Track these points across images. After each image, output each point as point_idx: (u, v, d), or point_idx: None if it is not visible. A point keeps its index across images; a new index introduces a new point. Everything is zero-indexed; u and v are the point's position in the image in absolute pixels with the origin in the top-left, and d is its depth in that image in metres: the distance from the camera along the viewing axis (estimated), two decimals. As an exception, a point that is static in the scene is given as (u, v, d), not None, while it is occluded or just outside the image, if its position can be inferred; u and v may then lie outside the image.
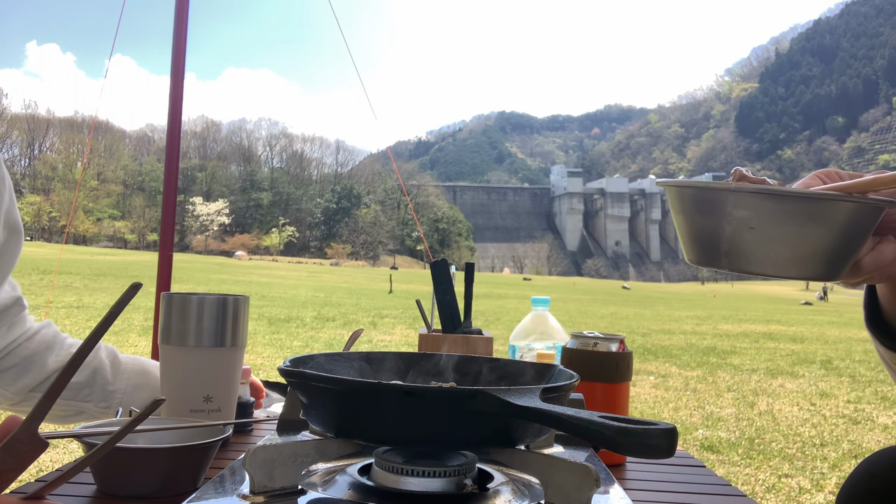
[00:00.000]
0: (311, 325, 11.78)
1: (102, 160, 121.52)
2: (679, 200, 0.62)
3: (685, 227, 0.62)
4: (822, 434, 5.16)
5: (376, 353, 0.91)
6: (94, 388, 1.08)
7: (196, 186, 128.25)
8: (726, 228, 0.58)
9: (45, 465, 3.53)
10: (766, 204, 0.57)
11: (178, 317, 0.96)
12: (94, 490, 0.77)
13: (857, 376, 8.31)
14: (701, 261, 0.61)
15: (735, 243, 0.58)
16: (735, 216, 0.57)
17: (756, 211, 0.57)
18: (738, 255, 0.58)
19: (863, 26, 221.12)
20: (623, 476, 0.95)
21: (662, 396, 6.47)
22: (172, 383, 0.97)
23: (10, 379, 1.04)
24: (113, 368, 1.11)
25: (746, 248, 0.58)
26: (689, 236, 0.62)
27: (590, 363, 1.05)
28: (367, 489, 0.71)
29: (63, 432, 0.77)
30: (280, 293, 21.27)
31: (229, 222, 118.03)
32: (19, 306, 1.06)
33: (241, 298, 1.00)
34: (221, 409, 0.98)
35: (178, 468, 0.77)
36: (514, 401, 0.63)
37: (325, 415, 0.72)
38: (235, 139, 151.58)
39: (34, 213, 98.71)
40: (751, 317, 21.60)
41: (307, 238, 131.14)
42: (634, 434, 0.55)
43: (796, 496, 3.65)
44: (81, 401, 1.08)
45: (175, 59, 3.93)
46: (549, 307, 1.47)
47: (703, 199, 0.60)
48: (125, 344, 8.02)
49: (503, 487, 0.74)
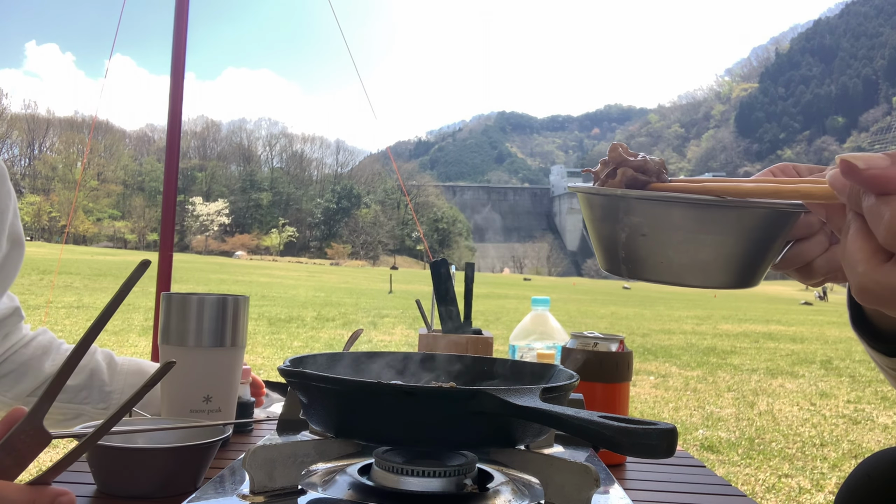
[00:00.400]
0: (311, 325, 11.78)
1: (102, 160, 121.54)
2: (585, 206, 0.60)
3: (592, 233, 0.60)
4: (822, 434, 5.16)
5: (376, 353, 0.91)
6: (92, 390, 1.09)
7: (196, 186, 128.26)
8: (621, 235, 0.56)
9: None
10: (656, 210, 0.54)
11: (178, 317, 0.96)
12: (94, 490, 0.77)
13: (857, 376, 8.31)
14: (608, 268, 0.59)
15: (630, 250, 0.56)
16: (627, 222, 0.55)
17: (646, 217, 0.54)
18: (634, 262, 0.56)
19: (863, 26, 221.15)
20: (623, 476, 0.95)
21: (662, 396, 6.47)
22: (172, 383, 0.97)
23: (8, 385, 1.06)
24: (109, 370, 1.11)
25: (641, 255, 0.55)
26: (594, 243, 0.60)
27: (590, 363, 1.06)
28: (367, 489, 0.71)
29: (63, 432, 0.77)
30: (280, 293, 21.27)
31: (229, 222, 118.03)
32: (17, 316, 1.09)
33: (241, 298, 1.00)
34: (221, 409, 0.98)
35: (178, 468, 0.77)
36: (514, 401, 0.63)
37: (325, 415, 0.72)
38: (235, 139, 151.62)
39: (34, 213, 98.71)
40: (751, 317, 21.60)
41: (307, 238, 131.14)
42: (634, 434, 0.55)
43: (796, 496, 3.65)
44: (79, 403, 1.08)
45: (175, 59, 3.93)
46: (549, 307, 1.48)
47: (602, 205, 0.57)
48: (125, 344, 8.02)
49: (503, 487, 0.74)
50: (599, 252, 0.60)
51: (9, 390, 1.06)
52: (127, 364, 1.14)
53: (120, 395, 1.10)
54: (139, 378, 1.13)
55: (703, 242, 0.54)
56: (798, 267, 0.62)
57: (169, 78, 3.95)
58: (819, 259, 0.61)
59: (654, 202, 0.54)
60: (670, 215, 0.54)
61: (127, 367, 1.13)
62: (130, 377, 1.12)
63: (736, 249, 0.54)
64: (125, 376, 1.12)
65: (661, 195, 0.54)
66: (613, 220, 0.56)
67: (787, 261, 0.61)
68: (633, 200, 0.54)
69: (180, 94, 3.97)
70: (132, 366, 1.14)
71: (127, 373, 1.13)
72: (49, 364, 1.08)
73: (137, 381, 1.13)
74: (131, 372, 1.13)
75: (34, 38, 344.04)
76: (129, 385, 1.12)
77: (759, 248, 0.55)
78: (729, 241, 0.54)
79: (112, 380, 1.11)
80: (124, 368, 1.13)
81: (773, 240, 0.56)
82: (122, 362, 1.14)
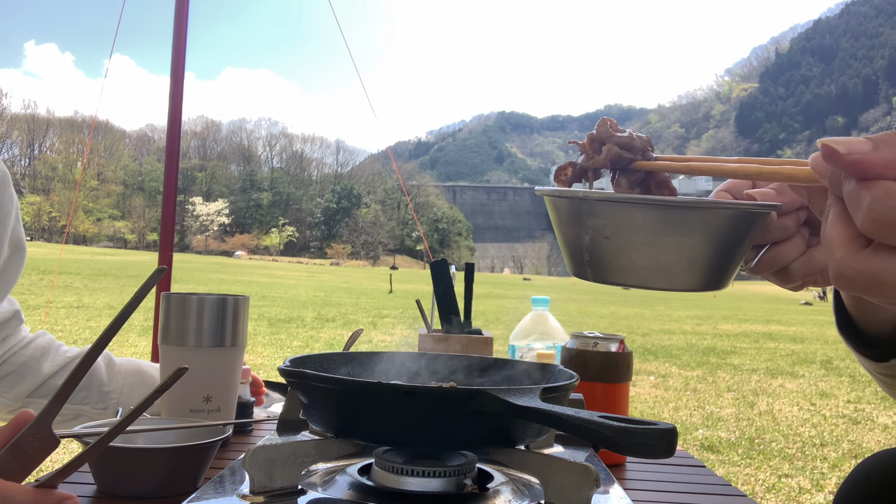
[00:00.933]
0: (311, 325, 11.78)
1: (102, 160, 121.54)
2: (551, 210, 0.59)
3: (558, 237, 0.59)
4: (822, 434, 5.16)
5: (376, 353, 0.91)
6: (91, 391, 1.09)
7: (196, 186, 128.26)
8: (585, 238, 0.55)
9: (45, 465, 3.53)
10: (617, 212, 0.53)
11: (178, 317, 0.96)
12: (94, 490, 0.77)
13: (857, 376, 8.31)
14: (575, 272, 0.58)
15: (594, 253, 0.55)
16: (589, 225, 0.54)
17: (608, 219, 0.53)
18: (598, 265, 0.55)
19: (863, 26, 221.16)
20: (623, 476, 0.95)
21: (662, 396, 6.47)
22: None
23: (8, 386, 1.06)
24: (108, 370, 1.12)
25: (605, 258, 0.54)
26: (561, 247, 0.59)
27: (590, 363, 1.06)
28: (367, 489, 0.71)
29: (63, 432, 0.77)
30: (280, 293, 21.27)
31: (229, 222, 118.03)
32: (17, 320, 1.09)
33: (240, 298, 1.00)
34: (221, 409, 0.98)
35: (178, 468, 0.77)
36: (514, 401, 0.63)
37: (325, 415, 0.72)
38: (235, 139, 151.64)
39: (34, 213, 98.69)
40: (751, 317, 21.60)
41: (307, 238, 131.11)
42: (634, 434, 0.55)
43: (796, 496, 3.65)
44: (79, 404, 1.09)
45: (175, 59, 3.93)
46: (549, 307, 1.48)
47: (567, 208, 0.56)
48: (125, 344, 8.02)
49: (503, 487, 0.74)
50: (566, 256, 0.59)
51: (8, 391, 1.06)
52: (125, 364, 1.14)
53: (118, 396, 1.11)
54: (138, 378, 1.13)
55: (666, 244, 0.52)
56: (775, 270, 0.61)
57: (168, 78, 3.95)
58: (796, 262, 0.59)
59: (616, 204, 0.53)
60: (632, 217, 0.52)
61: (125, 368, 1.14)
62: (129, 377, 1.13)
63: (700, 251, 0.53)
64: (124, 376, 1.12)
65: (623, 196, 0.53)
66: (577, 223, 0.55)
67: (763, 264, 0.60)
68: (595, 202, 0.53)
69: (180, 94, 3.97)
70: (130, 366, 1.15)
71: (125, 373, 1.13)
72: (48, 365, 1.08)
73: (136, 381, 1.13)
74: (130, 372, 1.13)
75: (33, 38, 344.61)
76: (127, 385, 1.12)
77: (726, 250, 0.54)
78: (692, 242, 0.53)
79: (111, 380, 1.11)
80: (123, 369, 1.13)
81: (741, 241, 0.54)
82: (121, 363, 1.14)
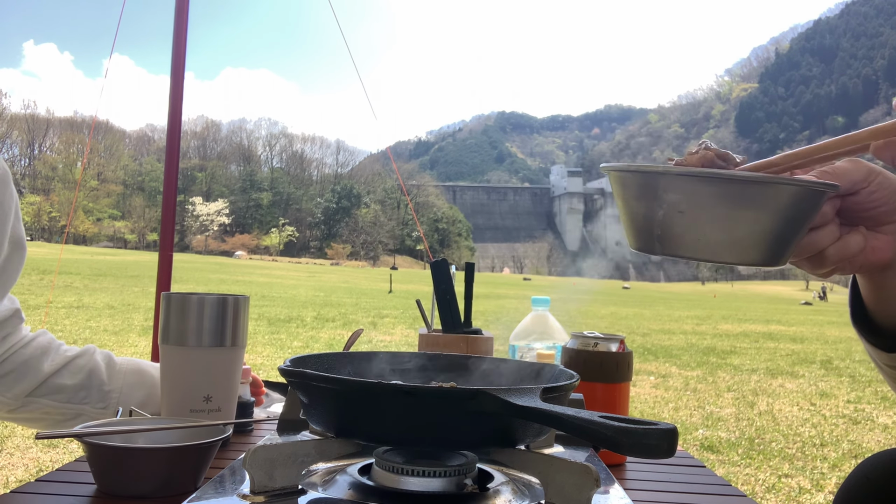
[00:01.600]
0: (311, 325, 11.78)
1: (102, 160, 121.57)
2: (618, 185, 0.61)
3: (624, 212, 0.61)
4: (822, 434, 5.16)
5: (376, 353, 0.91)
6: (91, 390, 1.09)
7: (196, 186, 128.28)
8: (658, 212, 0.57)
9: (45, 465, 3.53)
10: (695, 187, 0.55)
11: (178, 317, 0.96)
12: (94, 490, 0.77)
13: (857, 376, 8.31)
14: (640, 247, 0.60)
15: (667, 227, 0.57)
16: (665, 199, 0.56)
17: (685, 194, 0.56)
18: (669, 239, 0.57)
19: (863, 26, 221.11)
20: (623, 476, 0.95)
21: (662, 396, 6.47)
22: (172, 383, 0.97)
23: (8, 385, 1.06)
24: (108, 369, 1.11)
25: (677, 233, 0.57)
26: (627, 221, 0.61)
27: (590, 363, 1.05)
28: (367, 489, 0.71)
29: (63, 432, 0.77)
30: (280, 293, 21.27)
31: (229, 222, 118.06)
32: (17, 318, 1.09)
33: (241, 298, 1.00)
34: (221, 409, 0.98)
35: (178, 468, 0.77)
36: (515, 401, 0.63)
37: (325, 415, 0.72)
38: (235, 139, 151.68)
39: (34, 213, 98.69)
40: (751, 317, 21.60)
41: (307, 238, 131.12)
42: (634, 434, 0.55)
43: (796, 496, 3.65)
44: (79, 403, 1.09)
45: (175, 59, 3.93)
46: (549, 307, 1.47)
47: (638, 182, 0.58)
48: (125, 344, 8.02)
49: (503, 487, 0.74)
50: (632, 231, 0.61)
51: (8, 390, 1.06)
52: (126, 364, 1.14)
53: (118, 395, 1.11)
54: (138, 377, 1.13)
55: (739, 219, 0.55)
56: (809, 255, 0.62)
57: (168, 77, 3.95)
58: (831, 248, 0.61)
59: (692, 178, 0.55)
60: (709, 192, 0.55)
61: (126, 367, 1.14)
62: (129, 377, 1.13)
63: (770, 226, 0.56)
64: (124, 376, 1.12)
65: (701, 171, 0.56)
66: (650, 198, 0.57)
67: (800, 249, 0.62)
68: (673, 177, 0.56)
69: (180, 94, 3.96)
70: (131, 366, 1.14)
71: (126, 372, 1.13)
72: (48, 364, 1.08)
73: (136, 380, 1.13)
74: (130, 371, 1.13)
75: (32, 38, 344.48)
76: (127, 385, 1.12)
77: (791, 227, 0.57)
78: (764, 217, 0.55)
79: (111, 379, 1.11)
80: (123, 368, 1.13)
81: (805, 219, 0.57)
82: (122, 362, 1.14)
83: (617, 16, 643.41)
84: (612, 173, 0.61)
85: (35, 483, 0.79)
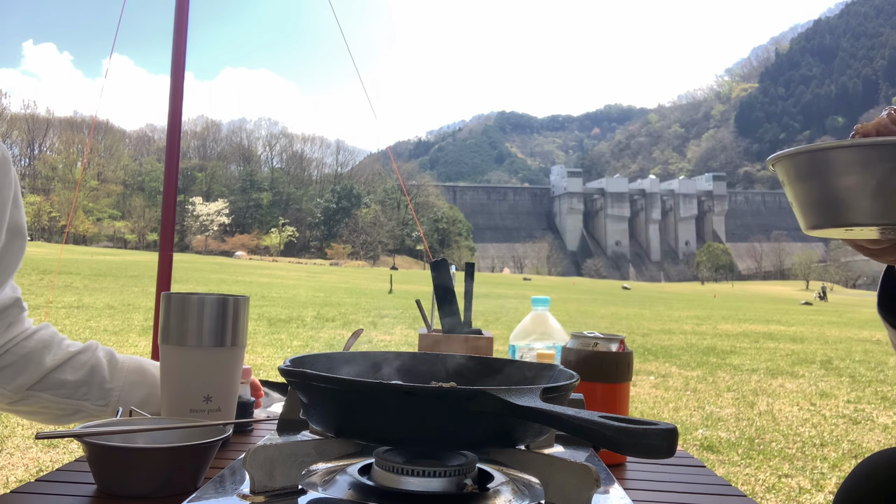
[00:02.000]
0: (311, 325, 11.79)
1: (102, 160, 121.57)
2: (813, 166, 0.62)
3: (818, 190, 0.62)
4: (822, 434, 5.16)
5: (376, 353, 0.91)
6: (92, 387, 1.09)
7: (196, 186, 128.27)
8: (871, 182, 0.59)
9: (45, 465, 3.53)
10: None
11: (178, 317, 0.96)
12: (94, 490, 0.77)
13: (857, 376, 8.31)
14: (828, 222, 0.62)
15: (889, 194, 0.58)
16: (879, 169, 0.58)
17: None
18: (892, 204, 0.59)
19: (863, 26, 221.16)
20: (623, 476, 0.95)
21: (662, 396, 6.47)
22: (172, 383, 0.97)
23: (8, 377, 1.05)
24: (110, 367, 1.11)
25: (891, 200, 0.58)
26: (818, 199, 0.62)
27: (590, 363, 1.05)
28: (367, 489, 0.71)
29: (63, 432, 0.77)
30: (280, 293, 21.27)
31: (229, 222, 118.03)
32: (18, 307, 1.08)
33: (241, 298, 1.00)
34: (221, 409, 0.98)
35: (178, 468, 0.77)
36: (515, 401, 0.63)
37: (325, 415, 0.72)
38: (235, 139, 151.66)
39: (34, 213, 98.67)
40: (751, 317, 21.60)
41: (307, 238, 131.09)
42: (634, 434, 0.55)
43: (796, 496, 3.65)
44: (79, 399, 1.08)
45: (175, 59, 3.93)
46: (549, 307, 1.47)
47: (846, 159, 0.60)
48: (125, 344, 8.02)
49: (503, 487, 0.74)
50: (816, 210, 0.62)
51: (8, 383, 1.05)
52: (128, 362, 1.14)
53: (119, 393, 1.10)
54: (140, 376, 1.13)
55: None
56: None
57: (168, 77, 3.95)
58: None
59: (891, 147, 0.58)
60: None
61: (128, 365, 1.13)
62: (131, 375, 1.12)
63: None
64: (126, 374, 1.12)
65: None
66: (860, 171, 0.58)
67: None
68: (892, 147, 0.58)
69: (180, 94, 3.97)
70: (133, 364, 1.14)
71: (128, 371, 1.13)
72: (50, 359, 1.08)
73: (138, 378, 1.13)
74: (132, 370, 1.13)
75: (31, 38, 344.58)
76: (128, 383, 1.12)
77: None
78: None
79: (112, 377, 1.11)
80: (125, 366, 1.13)
81: None
82: (124, 360, 1.14)
83: (617, 16, 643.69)
84: (801, 156, 0.62)
85: (35, 483, 0.79)
